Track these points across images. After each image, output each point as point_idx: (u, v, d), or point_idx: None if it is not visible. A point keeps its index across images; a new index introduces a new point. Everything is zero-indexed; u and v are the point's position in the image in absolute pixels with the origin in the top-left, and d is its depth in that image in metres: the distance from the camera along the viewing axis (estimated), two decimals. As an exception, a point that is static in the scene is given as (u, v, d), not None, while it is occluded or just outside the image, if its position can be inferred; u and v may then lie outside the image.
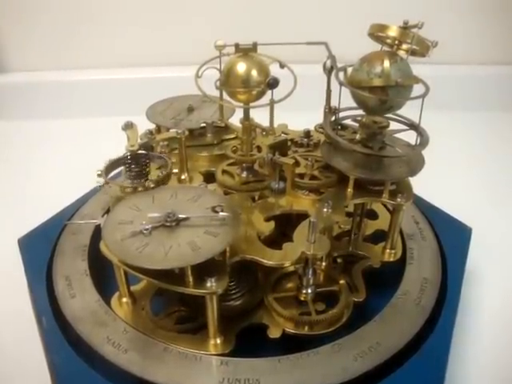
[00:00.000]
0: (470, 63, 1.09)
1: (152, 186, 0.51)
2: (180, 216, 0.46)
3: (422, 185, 0.58)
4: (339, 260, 0.59)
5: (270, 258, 0.48)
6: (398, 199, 0.53)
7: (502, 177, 0.86)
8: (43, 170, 0.87)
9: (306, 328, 0.50)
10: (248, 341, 0.49)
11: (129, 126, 0.56)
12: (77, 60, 1.07)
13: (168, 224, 0.46)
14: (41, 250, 0.59)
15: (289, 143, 0.62)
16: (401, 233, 0.60)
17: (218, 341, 0.48)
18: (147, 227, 0.45)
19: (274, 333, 0.50)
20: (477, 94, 1.06)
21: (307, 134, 0.63)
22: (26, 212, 0.68)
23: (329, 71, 0.55)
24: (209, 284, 0.44)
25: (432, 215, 0.64)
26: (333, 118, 0.57)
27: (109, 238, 0.45)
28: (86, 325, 0.50)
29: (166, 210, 0.46)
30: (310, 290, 0.52)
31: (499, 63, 1.10)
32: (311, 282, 0.51)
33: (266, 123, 0.55)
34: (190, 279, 0.45)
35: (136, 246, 0.44)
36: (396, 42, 0.51)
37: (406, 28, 0.50)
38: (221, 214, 0.47)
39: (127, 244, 0.44)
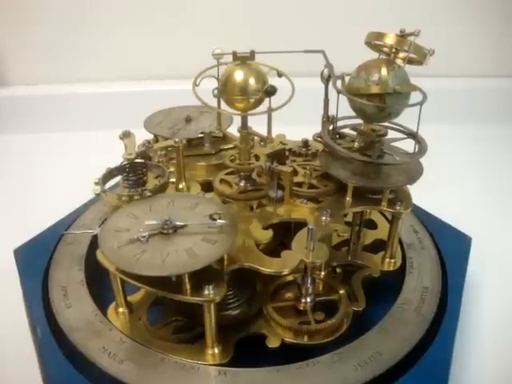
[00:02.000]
0: (472, 76, 1.10)
1: (149, 194, 0.51)
2: (177, 223, 0.46)
3: (421, 196, 0.58)
4: (338, 270, 0.58)
5: (268, 266, 0.47)
6: (397, 207, 0.53)
7: (501, 187, 0.86)
8: (41, 182, 0.87)
9: (306, 338, 0.50)
10: (246, 351, 0.48)
11: (126, 135, 0.56)
12: (74, 74, 1.08)
13: (165, 231, 0.45)
14: (37, 260, 0.58)
15: (287, 153, 0.62)
16: (400, 242, 0.60)
17: (216, 350, 0.47)
18: (144, 234, 0.45)
19: (273, 342, 0.49)
20: (475, 106, 1.07)
21: (305, 143, 0.63)
22: (24, 224, 0.67)
23: (326, 80, 0.55)
24: (206, 292, 0.44)
25: (431, 225, 0.64)
26: (331, 127, 0.57)
27: (105, 245, 0.45)
28: (81, 335, 0.49)
29: (163, 218, 0.46)
30: (309, 299, 0.51)
31: (501, 76, 1.11)
32: (310, 290, 0.51)
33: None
34: (188, 287, 0.44)
35: (133, 253, 0.43)
36: (393, 50, 0.51)
37: (402, 36, 0.50)
38: (219, 221, 0.46)
39: (124, 251, 0.44)
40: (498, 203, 0.82)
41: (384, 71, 0.50)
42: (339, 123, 0.57)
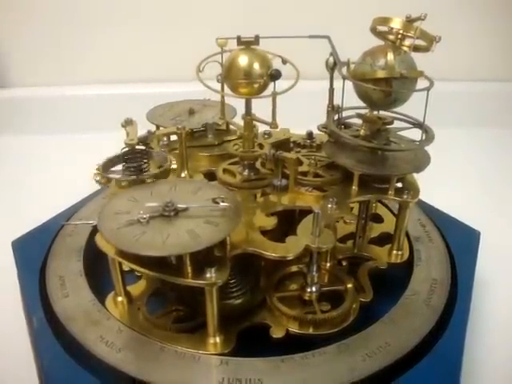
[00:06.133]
0: (476, 80, 1.10)
1: (150, 180, 0.50)
2: (179, 206, 0.45)
3: (426, 194, 0.56)
4: (344, 263, 0.56)
5: (272, 251, 0.46)
6: (405, 196, 0.52)
7: (505, 187, 0.86)
8: (40, 182, 0.85)
9: (311, 328, 0.48)
10: (250, 341, 0.46)
11: (128, 123, 0.55)
12: (74, 76, 1.07)
13: (166, 214, 0.44)
14: (35, 251, 0.57)
15: (291, 145, 0.61)
16: (407, 236, 0.58)
17: (218, 340, 0.45)
18: (144, 216, 0.43)
19: (277, 333, 0.47)
20: (485, 110, 1.06)
21: (310, 135, 0.62)
22: (23, 222, 0.65)
23: (331, 68, 0.55)
24: (208, 275, 0.42)
25: (439, 220, 0.62)
26: (336, 117, 0.56)
27: (104, 227, 0.43)
28: (78, 324, 0.47)
29: (164, 201, 0.45)
30: (314, 289, 0.49)
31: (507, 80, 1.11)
32: (316, 279, 0.49)
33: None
34: (189, 270, 0.42)
35: (133, 234, 0.42)
36: (399, 36, 0.51)
37: (409, 21, 0.50)
38: (221, 204, 0.45)
39: (124, 232, 0.42)
40: (502, 202, 0.80)
41: (390, 56, 0.49)
42: (344, 113, 0.56)
